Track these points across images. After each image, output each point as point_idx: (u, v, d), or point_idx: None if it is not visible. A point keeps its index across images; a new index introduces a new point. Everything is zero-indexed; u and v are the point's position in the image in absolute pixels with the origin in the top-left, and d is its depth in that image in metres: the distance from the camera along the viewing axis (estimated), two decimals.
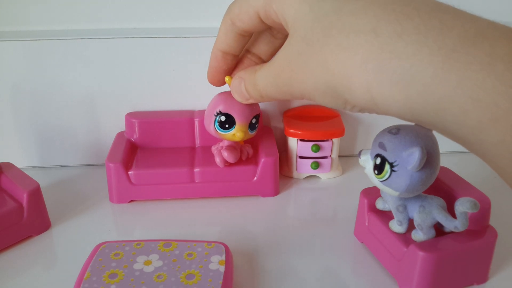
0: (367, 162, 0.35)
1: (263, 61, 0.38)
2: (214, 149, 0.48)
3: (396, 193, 0.34)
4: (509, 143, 0.21)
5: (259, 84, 0.33)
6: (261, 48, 0.37)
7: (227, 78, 0.38)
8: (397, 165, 0.33)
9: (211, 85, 0.39)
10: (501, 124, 0.20)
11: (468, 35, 0.21)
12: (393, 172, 0.33)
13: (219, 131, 0.43)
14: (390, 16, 0.23)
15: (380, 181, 0.34)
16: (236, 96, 0.36)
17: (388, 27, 0.23)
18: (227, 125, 0.43)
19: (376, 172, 0.34)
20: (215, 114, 0.43)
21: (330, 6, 0.25)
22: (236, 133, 0.43)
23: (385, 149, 0.33)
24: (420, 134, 0.33)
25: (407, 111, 0.24)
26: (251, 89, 0.34)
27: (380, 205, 0.39)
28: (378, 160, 0.34)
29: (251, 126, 0.44)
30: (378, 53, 0.23)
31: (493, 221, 0.38)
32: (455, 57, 0.21)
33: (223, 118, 0.42)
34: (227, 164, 0.47)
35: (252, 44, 0.37)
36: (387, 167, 0.33)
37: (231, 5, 0.33)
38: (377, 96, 0.24)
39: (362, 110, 0.27)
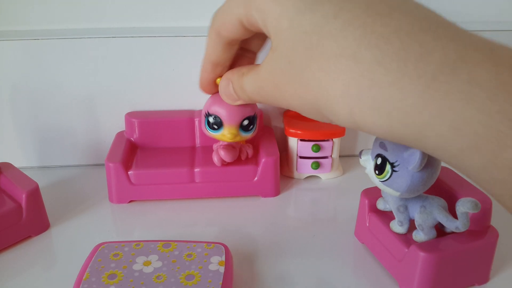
0: (368, 162, 0.35)
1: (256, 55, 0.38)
2: (215, 147, 0.48)
3: (397, 193, 0.34)
4: (491, 170, 0.21)
5: (246, 89, 0.32)
6: (254, 43, 0.36)
7: (218, 80, 0.37)
8: (398, 165, 0.33)
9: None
10: (481, 152, 0.21)
11: (448, 61, 0.21)
12: (394, 172, 0.33)
13: (209, 131, 0.43)
14: (371, 40, 0.23)
15: (381, 181, 0.34)
16: (224, 98, 0.35)
17: (368, 53, 0.23)
18: (215, 126, 0.42)
19: (377, 172, 0.34)
20: (205, 115, 0.42)
21: (309, 23, 0.25)
22: (225, 134, 0.42)
23: (386, 149, 0.33)
24: None
25: (389, 135, 0.24)
26: (240, 92, 0.33)
27: (381, 205, 0.39)
28: (379, 160, 0.34)
29: (244, 128, 0.43)
30: (359, 80, 0.23)
31: (494, 221, 0.37)
32: (435, 86, 0.21)
33: (211, 119, 0.42)
34: (225, 163, 0.47)
35: (244, 42, 0.36)
36: (388, 167, 0.33)
37: (214, 17, 0.32)
38: (359, 120, 0.24)
39: (348, 128, 0.27)
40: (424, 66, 0.21)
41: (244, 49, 0.37)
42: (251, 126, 0.43)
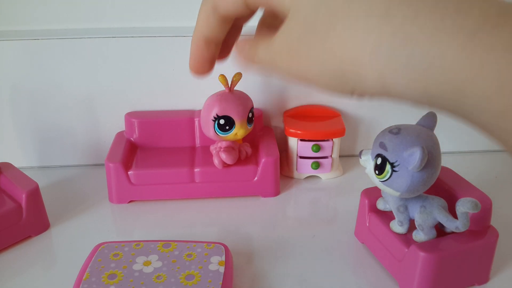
0: (368, 162, 0.35)
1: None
2: (212, 148, 0.48)
3: (397, 194, 0.34)
4: None
5: (261, 60, 0.30)
6: (242, 20, 0.35)
7: (220, 77, 0.37)
8: (398, 165, 0.33)
9: (210, 84, 0.39)
10: None
11: (489, 15, 0.20)
12: (394, 172, 0.33)
13: (220, 134, 0.43)
14: None
15: (381, 181, 0.34)
16: (242, 58, 0.32)
17: (401, 9, 0.21)
18: (227, 127, 0.43)
19: (377, 172, 0.34)
20: (213, 119, 0.42)
21: None
22: (237, 132, 0.43)
23: (386, 149, 0.33)
24: (421, 134, 0.33)
25: (423, 97, 0.22)
26: (255, 58, 0.31)
27: (381, 205, 0.39)
28: (379, 160, 0.34)
29: (249, 121, 0.44)
30: (391, 38, 0.22)
31: (494, 221, 0.37)
32: (477, 39, 0.20)
33: (222, 121, 0.42)
34: (225, 165, 0.47)
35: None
36: (388, 167, 0.33)
37: None
38: (389, 83, 0.23)
39: (371, 97, 0.25)
40: (463, 20, 0.20)
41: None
42: (253, 117, 0.45)
